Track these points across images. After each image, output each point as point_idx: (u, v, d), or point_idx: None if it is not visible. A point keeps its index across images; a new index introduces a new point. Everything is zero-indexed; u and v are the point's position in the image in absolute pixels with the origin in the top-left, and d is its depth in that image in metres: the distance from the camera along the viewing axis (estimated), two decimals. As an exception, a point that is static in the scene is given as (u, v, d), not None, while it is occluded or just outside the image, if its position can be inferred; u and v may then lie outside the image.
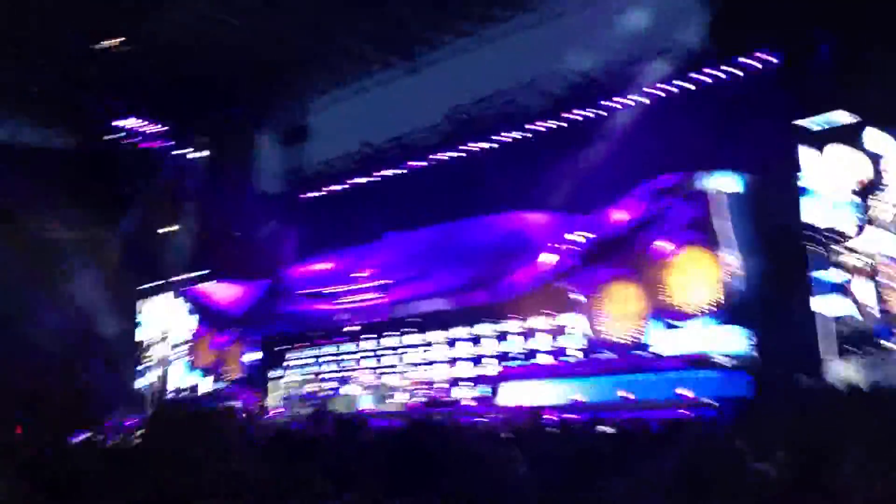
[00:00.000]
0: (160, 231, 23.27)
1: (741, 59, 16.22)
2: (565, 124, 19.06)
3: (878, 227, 13.42)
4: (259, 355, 22.96)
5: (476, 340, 19.49)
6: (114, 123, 22.25)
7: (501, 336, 19.00)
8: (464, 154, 20.90)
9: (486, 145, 20.48)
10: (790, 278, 13.94)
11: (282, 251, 22.68)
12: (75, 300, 20.21)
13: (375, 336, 21.34)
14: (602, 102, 18.33)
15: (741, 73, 16.26)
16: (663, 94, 17.35)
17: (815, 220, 14.13)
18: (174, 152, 23.28)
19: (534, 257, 18.22)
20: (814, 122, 14.41)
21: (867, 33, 13.55)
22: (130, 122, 22.40)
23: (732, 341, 14.71)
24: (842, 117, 14.23)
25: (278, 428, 16.67)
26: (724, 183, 15.45)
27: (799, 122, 14.53)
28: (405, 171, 22.05)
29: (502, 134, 20.20)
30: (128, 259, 22.64)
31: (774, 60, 15.68)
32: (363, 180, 22.92)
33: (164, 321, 23.71)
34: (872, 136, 13.99)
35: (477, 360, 19.33)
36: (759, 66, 15.95)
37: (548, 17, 19.35)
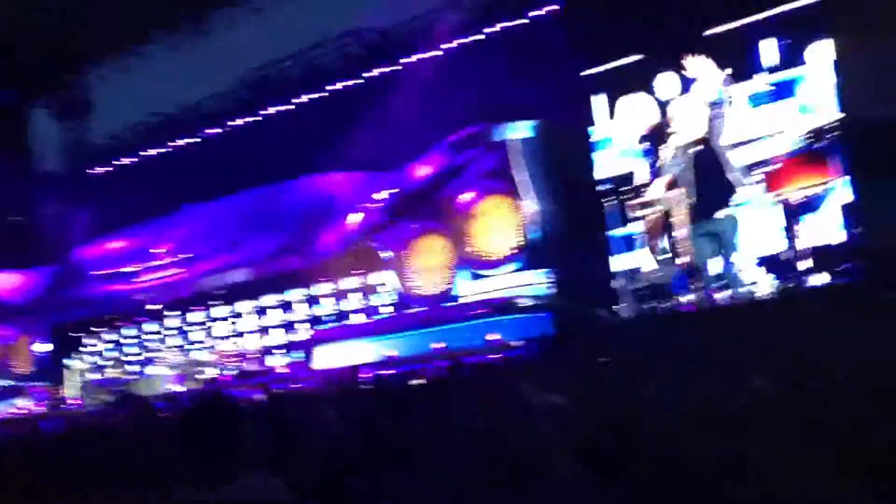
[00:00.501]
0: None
1: (531, 10, 16.46)
2: (363, 82, 18.80)
3: (668, 174, 13.18)
4: (50, 346, 21.42)
5: (287, 307, 19.05)
6: None
7: (312, 300, 18.69)
8: (262, 118, 20.22)
9: (284, 108, 19.88)
10: (587, 223, 14.39)
11: (71, 232, 21.17)
12: None
13: (180, 312, 20.40)
14: (399, 59, 18.20)
15: (533, 23, 16.52)
16: (458, 48, 17.43)
17: (609, 169, 14.44)
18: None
19: (341, 218, 17.96)
20: (604, 70, 14.63)
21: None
22: None
23: (536, 285, 15.16)
24: (630, 63, 14.38)
25: (76, 417, 15.70)
26: (522, 133, 15.75)
27: (589, 71, 14.72)
28: (201, 139, 21.08)
29: (300, 96, 19.68)
30: None
31: (559, 9, 15.98)
32: (156, 151, 21.72)
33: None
34: (663, 81, 14.13)
35: (289, 327, 18.93)
36: (549, 15, 16.23)
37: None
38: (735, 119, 13.35)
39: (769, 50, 13.25)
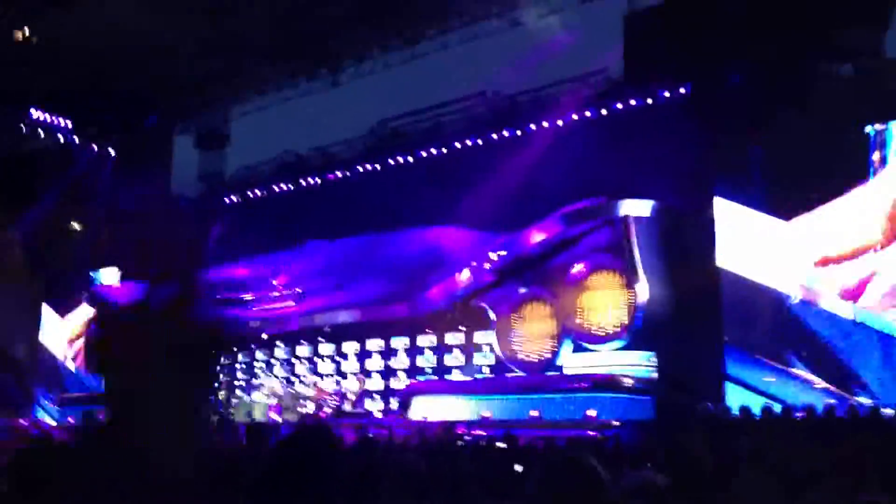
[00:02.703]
0: (69, 230, 22.70)
1: (657, 88, 16.64)
2: (486, 143, 19.29)
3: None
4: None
5: (389, 353, 19.51)
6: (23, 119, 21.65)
7: (415, 350, 19.06)
8: (387, 167, 20.97)
9: (409, 160, 20.57)
10: (699, 306, 14.14)
11: (199, 255, 22.27)
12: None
13: (288, 344, 21.11)
14: (523, 125, 18.62)
15: (657, 101, 16.69)
16: (582, 120, 17.73)
17: (730, 253, 14.14)
18: (87, 150, 22.79)
19: (451, 273, 18.30)
20: (731, 154, 14.39)
21: (777, 66, 13.61)
22: (39, 117, 21.82)
23: (639, 366, 14.98)
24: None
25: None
26: (640, 211, 15.72)
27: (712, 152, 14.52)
28: (328, 181, 22.00)
29: (425, 150, 20.33)
30: (33, 259, 22.01)
31: (683, 91, 16.08)
32: (285, 187, 22.79)
33: (68, 323, 23.10)
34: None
35: (389, 373, 19.37)
36: (674, 94, 16.37)
37: (472, 37, 19.67)
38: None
39: None
